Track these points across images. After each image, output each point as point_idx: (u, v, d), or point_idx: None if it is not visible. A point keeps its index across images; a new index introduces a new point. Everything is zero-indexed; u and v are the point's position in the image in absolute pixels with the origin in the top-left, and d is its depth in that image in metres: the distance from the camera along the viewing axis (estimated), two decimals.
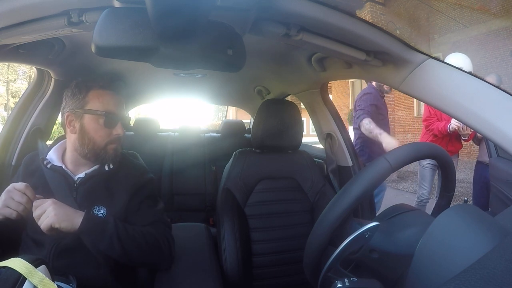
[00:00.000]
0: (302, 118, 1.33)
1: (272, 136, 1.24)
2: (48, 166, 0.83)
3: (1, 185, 1.02)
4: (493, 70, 6.54)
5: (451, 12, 7.61)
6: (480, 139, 2.37)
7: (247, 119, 3.22)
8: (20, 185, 0.71)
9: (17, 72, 15.83)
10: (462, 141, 2.49)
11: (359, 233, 0.58)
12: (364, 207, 1.30)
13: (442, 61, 0.72)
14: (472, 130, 2.33)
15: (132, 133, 2.28)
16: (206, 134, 2.52)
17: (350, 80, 9.91)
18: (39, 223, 0.68)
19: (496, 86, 0.64)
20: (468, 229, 0.44)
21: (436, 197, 2.69)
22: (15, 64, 10.70)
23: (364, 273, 0.61)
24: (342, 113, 4.65)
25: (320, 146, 1.56)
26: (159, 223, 0.88)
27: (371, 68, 0.85)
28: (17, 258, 0.53)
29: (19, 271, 0.50)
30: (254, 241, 1.17)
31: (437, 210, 0.71)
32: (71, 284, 0.69)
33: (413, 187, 5.07)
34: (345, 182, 0.60)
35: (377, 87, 2.25)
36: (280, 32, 0.65)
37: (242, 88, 1.89)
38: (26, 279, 0.50)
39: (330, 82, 1.68)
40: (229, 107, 4.34)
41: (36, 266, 0.53)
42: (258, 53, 1.15)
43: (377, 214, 0.63)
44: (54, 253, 0.77)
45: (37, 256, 0.56)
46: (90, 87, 0.83)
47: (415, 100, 7.98)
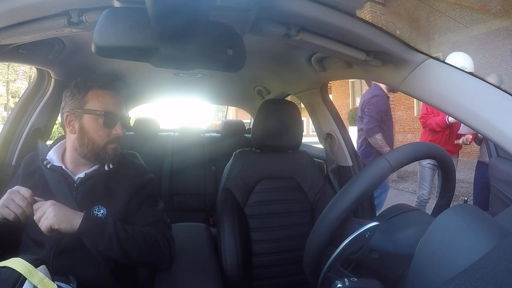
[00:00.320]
0: (302, 118, 1.33)
1: (272, 136, 1.24)
2: (48, 166, 0.83)
3: (1, 185, 1.02)
4: (493, 70, 6.54)
5: (451, 12, 7.61)
6: (481, 139, 2.37)
7: (247, 119, 3.22)
8: (25, 191, 0.71)
9: (17, 72, 15.84)
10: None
11: (359, 233, 0.58)
12: (364, 207, 1.30)
13: (442, 61, 0.72)
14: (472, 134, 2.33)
15: (132, 133, 2.28)
16: (206, 134, 2.52)
17: (350, 80, 9.91)
18: (39, 225, 0.69)
19: (496, 86, 0.64)
20: (468, 229, 0.44)
21: (436, 197, 2.69)
22: (15, 64, 10.70)
23: (364, 273, 0.61)
24: (342, 113, 4.66)
25: (320, 146, 1.56)
26: (159, 223, 0.88)
27: (371, 68, 0.85)
28: (17, 258, 0.53)
29: (19, 271, 0.50)
30: (254, 241, 1.17)
31: (437, 210, 0.71)
32: (71, 284, 0.69)
33: (413, 187, 5.07)
34: (345, 182, 0.60)
35: (385, 87, 2.25)
36: (280, 32, 0.65)
37: (242, 88, 1.89)
38: (26, 279, 0.50)
39: (330, 82, 1.68)
40: (229, 107, 4.34)
41: (36, 266, 0.53)
42: (258, 53, 1.15)
43: (378, 214, 0.63)
44: (54, 253, 0.77)
45: (37, 256, 0.56)
46: (89, 87, 0.83)
47: (415, 100, 7.98)
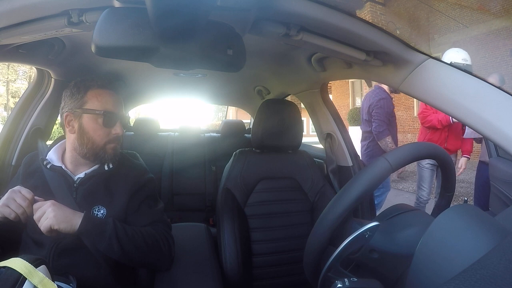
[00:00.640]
0: (302, 118, 1.33)
1: (272, 136, 1.24)
2: (48, 166, 0.82)
3: (1, 185, 1.02)
4: (493, 70, 6.54)
5: (451, 12, 7.61)
6: (481, 138, 2.37)
7: (247, 119, 3.22)
8: (27, 192, 0.71)
9: (17, 72, 15.83)
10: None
11: (359, 233, 0.58)
12: (364, 207, 1.30)
13: (442, 61, 0.72)
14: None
15: (132, 133, 2.28)
16: (206, 134, 2.52)
17: (350, 80, 9.91)
18: (39, 225, 0.69)
19: (496, 86, 0.64)
20: (468, 229, 0.44)
21: (435, 198, 2.69)
22: (15, 64, 10.71)
23: (364, 273, 0.61)
24: (342, 113, 4.66)
25: (320, 146, 1.56)
26: (159, 223, 0.88)
27: (371, 68, 0.85)
28: (17, 258, 0.53)
29: (19, 271, 0.50)
30: (254, 241, 1.17)
31: (437, 210, 0.71)
32: (71, 284, 0.69)
33: (413, 187, 5.07)
34: (345, 182, 0.60)
35: (388, 89, 2.29)
36: (280, 32, 0.65)
37: (242, 88, 1.89)
38: (26, 279, 0.50)
39: (330, 82, 1.68)
40: (229, 107, 4.34)
41: (36, 266, 0.53)
42: (258, 53, 1.15)
43: (378, 214, 0.63)
44: (54, 253, 0.77)
45: (37, 256, 0.56)
46: (89, 86, 0.83)
47: (415, 100, 7.98)
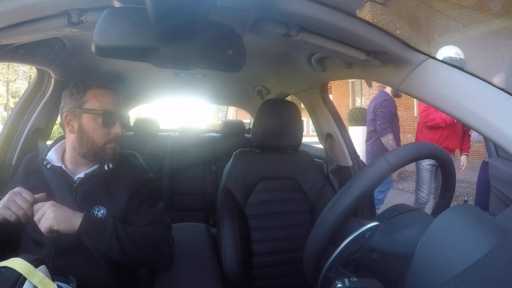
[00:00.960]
0: (302, 118, 1.33)
1: (272, 136, 1.24)
2: (48, 166, 0.82)
3: (1, 185, 1.02)
4: (493, 70, 6.54)
5: (451, 12, 7.61)
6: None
7: (247, 119, 3.22)
8: (28, 194, 0.71)
9: (17, 72, 15.82)
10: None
11: (359, 233, 0.58)
12: (364, 207, 1.30)
13: (442, 61, 0.72)
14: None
15: (132, 133, 2.28)
16: (206, 134, 2.52)
17: (350, 80, 9.91)
18: (39, 226, 0.69)
19: (496, 86, 0.64)
20: (468, 229, 0.44)
21: (434, 199, 2.68)
22: (15, 64, 10.70)
23: (364, 273, 0.61)
24: (342, 113, 4.65)
25: (320, 146, 1.56)
26: (159, 223, 0.88)
27: (371, 68, 0.85)
28: (17, 258, 0.53)
29: (19, 271, 0.50)
30: (254, 241, 1.17)
31: (437, 210, 0.71)
32: (71, 284, 0.69)
33: (413, 187, 5.06)
34: (345, 182, 0.60)
35: (391, 92, 2.43)
36: (280, 32, 0.65)
37: (242, 88, 1.89)
38: (26, 279, 0.50)
39: (330, 82, 1.68)
40: (229, 107, 4.34)
41: (36, 266, 0.53)
42: (258, 53, 1.15)
43: (379, 211, 0.63)
44: (54, 253, 0.77)
45: (37, 256, 0.56)
46: (88, 86, 0.83)
47: (415, 100, 7.98)
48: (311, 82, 1.33)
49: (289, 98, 1.94)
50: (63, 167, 0.84)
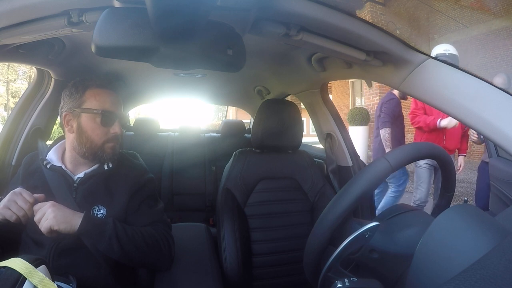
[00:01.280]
0: (302, 118, 1.33)
1: (272, 136, 1.24)
2: (48, 166, 0.82)
3: (1, 185, 1.02)
4: (493, 70, 6.54)
5: (451, 12, 7.60)
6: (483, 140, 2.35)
7: (247, 119, 3.22)
8: (28, 194, 0.71)
9: (17, 72, 15.81)
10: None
11: (359, 233, 0.58)
12: (364, 207, 1.30)
13: (442, 61, 0.72)
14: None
15: (132, 133, 2.28)
16: (206, 134, 2.52)
17: (350, 80, 9.90)
18: (39, 226, 0.69)
19: (496, 86, 0.64)
20: (468, 229, 0.44)
21: (434, 199, 2.67)
22: (15, 64, 10.70)
23: (364, 273, 0.61)
24: (342, 113, 4.65)
25: (320, 146, 1.56)
26: (159, 223, 0.88)
27: (371, 68, 0.85)
28: (17, 258, 0.53)
29: (19, 271, 0.50)
30: (254, 241, 1.17)
31: (437, 210, 0.71)
32: (71, 284, 0.69)
33: (413, 187, 5.06)
34: (345, 182, 0.60)
35: (398, 94, 2.55)
36: (280, 32, 0.65)
37: (242, 88, 1.89)
38: (26, 279, 0.50)
39: (330, 82, 1.68)
40: (229, 107, 4.34)
41: (36, 266, 0.53)
42: (258, 53, 1.15)
43: (378, 214, 0.63)
44: (54, 253, 0.77)
45: (37, 256, 0.56)
46: (87, 86, 0.83)
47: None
48: (311, 82, 1.33)
49: (289, 98, 1.94)
50: (63, 167, 0.84)
